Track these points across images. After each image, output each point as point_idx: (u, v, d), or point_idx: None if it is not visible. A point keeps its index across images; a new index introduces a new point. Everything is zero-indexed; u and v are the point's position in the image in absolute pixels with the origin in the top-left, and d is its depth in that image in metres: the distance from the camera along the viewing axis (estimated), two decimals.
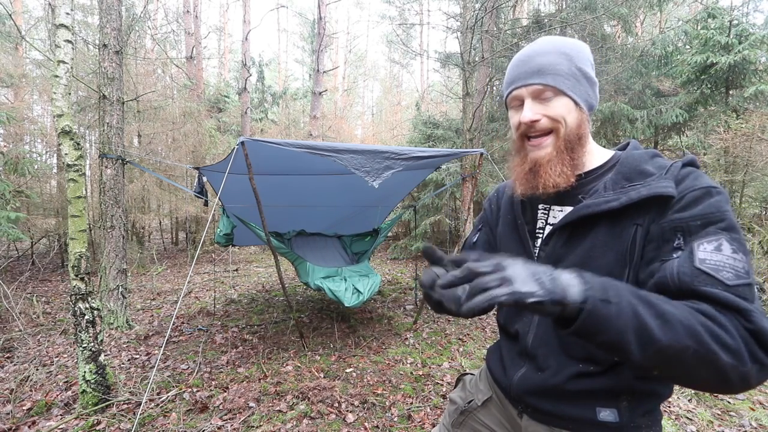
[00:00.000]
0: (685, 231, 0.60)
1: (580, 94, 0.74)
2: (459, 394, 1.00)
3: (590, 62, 0.76)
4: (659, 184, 0.64)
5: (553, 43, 0.75)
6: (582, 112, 0.74)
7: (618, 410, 0.69)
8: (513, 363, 0.83)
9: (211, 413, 2.45)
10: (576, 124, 0.73)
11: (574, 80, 0.73)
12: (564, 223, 0.73)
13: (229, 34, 21.71)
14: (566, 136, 0.73)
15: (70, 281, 2.36)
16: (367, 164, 2.95)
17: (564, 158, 0.73)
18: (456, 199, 7.74)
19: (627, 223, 0.66)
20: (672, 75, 6.13)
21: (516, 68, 0.76)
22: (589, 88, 0.75)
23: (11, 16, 5.13)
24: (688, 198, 0.62)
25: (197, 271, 7.13)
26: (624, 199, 0.65)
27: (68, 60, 2.30)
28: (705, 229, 0.59)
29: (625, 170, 0.70)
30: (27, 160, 5.82)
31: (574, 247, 0.72)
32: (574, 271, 0.54)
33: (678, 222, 0.61)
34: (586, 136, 0.76)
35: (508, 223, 0.88)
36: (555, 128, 0.73)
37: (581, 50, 0.75)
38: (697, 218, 0.60)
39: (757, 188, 5.45)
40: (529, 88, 0.74)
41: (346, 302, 3.44)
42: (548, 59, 0.73)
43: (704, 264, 0.56)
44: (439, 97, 15.75)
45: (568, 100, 0.73)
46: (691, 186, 0.63)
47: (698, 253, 0.57)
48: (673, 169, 0.66)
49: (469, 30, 5.30)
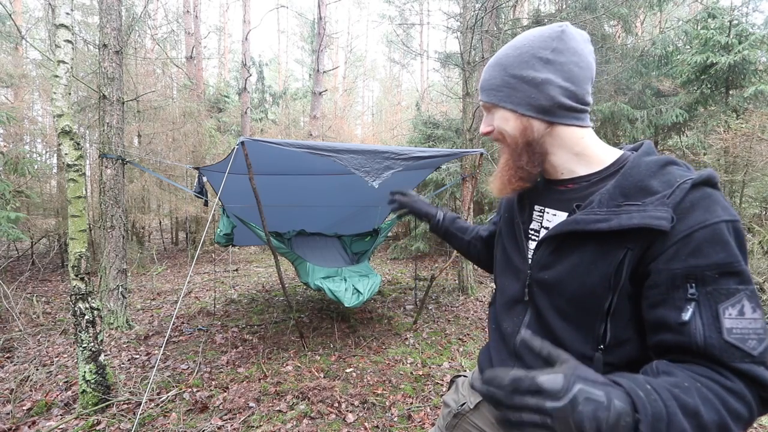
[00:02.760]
0: (699, 281, 0.56)
1: (518, 100, 0.72)
2: (452, 397, 0.99)
3: (536, 59, 0.70)
4: (654, 213, 0.58)
5: (497, 54, 0.77)
6: (524, 118, 0.73)
7: None
8: (502, 365, 0.82)
9: (211, 413, 2.45)
10: (518, 132, 0.74)
11: (509, 89, 0.73)
12: (552, 234, 0.72)
13: (229, 34, 21.73)
14: (512, 145, 0.76)
15: (70, 281, 2.36)
16: (367, 164, 2.95)
17: (509, 165, 0.77)
18: (456, 199, 7.74)
19: (616, 245, 0.62)
20: (672, 75, 6.13)
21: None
22: (532, 89, 0.71)
23: (11, 16, 5.12)
24: (698, 238, 0.56)
25: (197, 271, 7.13)
26: (614, 222, 0.61)
27: (68, 60, 2.30)
28: (723, 281, 0.55)
29: (625, 184, 0.65)
30: (27, 160, 5.82)
31: (561, 259, 0.70)
32: (619, 392, 0.50)
33: (691, 270, 0.56)
34: (544, 142, 0.74)
35: (507, 221, 0.88)
36: (501, 139, 0.78)
37: (522, 52, 0.72)
38: (713, 268, 0.55)
39: (757, 188, 5.44)
40: (482, 104, 0.80)
41: (346, 302, 3.44)
42: (486, 75, 0.78)
43: (731, 335, 0.54)
44: (439, 97, 15.74)
45: (503, 111, 0.75)
46: (702, 221, 0.57)
47: (725, 321, 0.54)
48: (678, 192, 0.59)
49: (469, 30, 5.30)
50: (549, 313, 0.72)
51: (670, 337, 0.58)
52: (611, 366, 0.66)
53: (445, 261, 7.30)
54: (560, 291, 0.70)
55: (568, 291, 0.69)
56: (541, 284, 0.74)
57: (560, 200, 0.75)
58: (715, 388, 0.53)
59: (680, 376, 0.54)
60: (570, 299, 0.69)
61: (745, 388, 0.53)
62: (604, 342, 0.66)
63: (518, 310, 0.80)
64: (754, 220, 5.38)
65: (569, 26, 0.72)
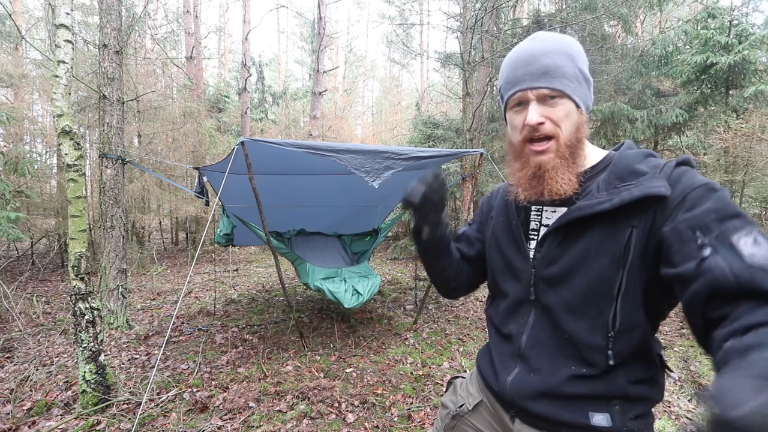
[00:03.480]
0: (703, 228, 0.57)
1: (581, 96, 0.73)
2: (450, 398, 0.98)
3: (586, 62, 0.75)
4: (652, 183, 0.63)
5: (555, 42, 0.72)
6: (582, 114, 0.74)
7: (611, 414, 0.68)
8: (504, 365, 0.81)
9: (211, 413, 2.45)
10: (575, 129, 0.72)
11: (577, 83, 0.72)
12: (557, 225, 0.72)
13: (229, 34, 21.72)
14: (567, 141, 0.72)
15: (70, 281, 2.36)
16: (367, 164, 2.95)
17: (568, 164, 0.72)
18: (456, 199, 7.74)
19: (622, 225, 0.65)
20: (672, 75, 6.13)
21: (519, 68, 0.73)
22: (587, 89, 0.74)
23: (11, 16, 5.12)
24: (692, 197, 0.60)
25: (197, 271, 7.13)
26: (616, 200, 0.64)
27: (68, 60, 2.30)
28: (725, 223, 0.56)
29: (618, 170, 0.69)
30: (27, 160, 5.82)
31: (569, 249, 0.71)
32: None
33: (693, 220, 0.58)
34: (585, 138, 0.76)
35: (502, 224, 0.87)
36: (556, 133, 0.71)
37: (580, 50, 0.74)
38: (711, 213, 0.57)
39: (757, 188, 5.44)
40: (535, 92, 0.71)
41: (346, 303, 3.44)
42: (554, 60, 0.70)
43: (755, 259, 0.51)
44: (439, 97, 15.74)
45: (572, 103, 0.71)
46: (690, 185, 0.61)
47: (742, 248, 0.52)
48: (666, 168, 0.65)
49: (469, 30, 5.30)
50: (557, 309, 0.73)
51: (698, 286, 0.54)
52: (620, 356, 0.67)
53: None
54: (570, 282, 0.71)
55: (579, 280, 0.70)
56: (549, 280, 0.74)
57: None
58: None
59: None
60: (580, 288, 0.69)
61: None
62: (614, 328, 0.66)
63: (523, 311, 0.80)
64: (754, 220, 5.37)
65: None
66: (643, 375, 0.69)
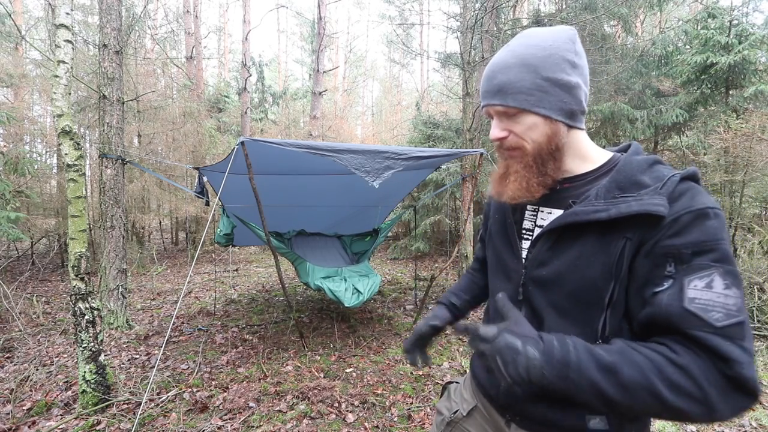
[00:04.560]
0: (677, 259, 0.58)
1: (551, 105, 0.69)
2: (445, 404, 0.98)
3: (566, 62, 0.69)
4: (651, 201, 0.61)
5: (517, 53, 0.70)
6: (554, 123, 0.70)
7: (607, 417, 0.68)
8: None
9: (211, 413, 2.45)
10: (545, 139, 0.70)
11: (541, 93, 0.68)
12: (551, 227, 0.72)
13: (229, 34, 21.71)
14: (535, 152, 0.71)
15: (70, 281, 2.36)
16: (367, 164, 2.95)
17: (531, 173, 0.72)
18: (456, 199, 7.74)
19: (616, 236, 0.64)
20: (672, 75, 6.12)
21: (484, 83, 0.74)
22: (565, 94, 0.69)
23: (11, 16, 5.12)
24: (682, 221, 0.59)
25: (197, 271, 7.13)
26: (613, 211, 0.63)
27: (68, 60, 2.30)
28: (697, 258, 0.57)
29: (620, 178, 0.67)
30: (27, 160, 5.82)
31: (560, 253, 0.70)
32: (537, 342, 0.60)
33: (669, 249, 0.59)
34: (564, 146, 0.72)
35: (498, 222, 0.87)
36: (520, 146, 0.72)
37: (551, 54, 0.68)
38: (689, 246, 0.57)
39: (757, 188, 5.43)
40: (492, 108, 0.73)
41: (346, 302, 3.44)
42: (509, 76, 0.69)
43: (693, 304, 0.55)
44: (439, 97, 15.74)
45: (534, 116, 0.69)
46: (686, 207, 0.60)
47: (688, 291, 0.56)
48: (669, 184, 0.63)
49: (469, 30, 5.30)
50: (546, 311, 0.72)
51: (645, 312, 0.61)
52: None
53: (445, 261, 7.30)
54: (560, 286, 0.70)
55: (568, 285, 0.69)
56: (538, 282, 0.74)
57: (556, 199, 0.75)
58: (653, 356, 0.56)
59: (619, 344, 0.60)
60: (570, 294, 0.69)
61: (695, 362, 0.54)
62: (603, 335, 0.66)
63: None
64: (754, 220, 5.37)
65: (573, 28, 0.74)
66: None
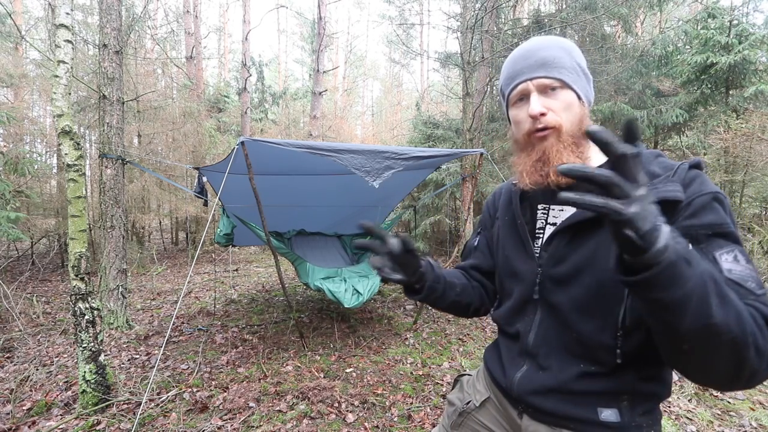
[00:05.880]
0: (694, 238, 0.59)
1: (581, 88, 0.75)
2: (457, 396, 0.99)
3: (584, 60, 0.78)
4: (667, 188, 0.63)
5: (551, 39, 0.76)
6: (584, 107, 0.75)
7: (619, 410, 0.69)
8: (512, 363, 0.82)
9: (211, 413, 2.45)
10: (578, 120, 0.73)
11: (576, 75, 0.74)
12: (567, 224, 0.73)
13: (229, 34, 21.72)
14: (570, 132, 0.71)
15: (70, 281, 2.36)
16: (367, 164, 2.95)
17: (573, 150, 0.71)
18: (456, 199, 7.74)
19: None
20: (672, 75, 6.13)
21: (517, 63, 0.76)
22: (587, 84, 0.77)
23: (11, 16, 5.12)
24: (696, 204, 0.62)
25: (197, 271, 7.13)
26: None
27: (68, 60, 2.30)
28: (715, 239, 0.59)
29: None
30: (27, 160, 5.82)
31: (578, 248, 0.71)
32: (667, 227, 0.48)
33: (688, 229, 0.60)
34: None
35: (507, 223, 0.87)
36: (558, 124, 0.71)
37: (576, 48, 0.77)
38: (706, 227, 0.60)
39: (757, 188, 5.44)
40: (535, 81, 0.73)
41: (346, 303, 3.44)
42: (551, 53, 0.73)
43: (732, 274, 0.56)
44: (439, 97, 15.75)
45: (573, 94, 0.73)
46: (698, 191, 0.62)
47: (723, 263, 0.57)
48: (680, 171, 0.66)
49: (469, 30, 5.30)
50: (565, 308, 0.73)
51: None
52: (628, 354, 0.67)
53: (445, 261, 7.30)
54: (579, 281, 0.70)
55: (588, 279, 0.69)
56: (556, 279, 0.74)
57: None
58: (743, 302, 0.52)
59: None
60: (590, 287, 0.69)
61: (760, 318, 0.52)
62: (624, 327, 0.66)
63: (529, 309, 0.80)
64: (754, 220, 5.37)
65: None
66: (651, 372, 0.70)
